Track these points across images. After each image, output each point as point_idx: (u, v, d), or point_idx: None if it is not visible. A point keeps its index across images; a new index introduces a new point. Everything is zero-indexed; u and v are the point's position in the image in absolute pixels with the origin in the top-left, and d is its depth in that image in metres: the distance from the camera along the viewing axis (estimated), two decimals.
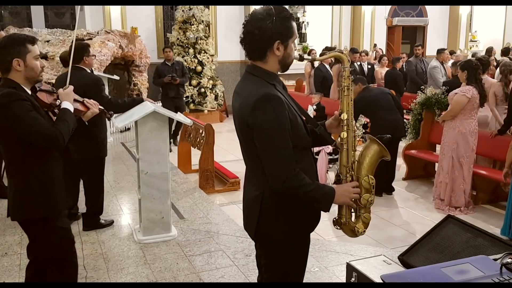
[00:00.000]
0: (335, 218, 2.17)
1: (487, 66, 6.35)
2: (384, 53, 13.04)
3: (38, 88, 2.65)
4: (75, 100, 2.89)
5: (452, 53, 11.14)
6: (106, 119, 3.33)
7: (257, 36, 1.95)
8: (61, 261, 2.73)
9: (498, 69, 6.53)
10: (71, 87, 2.77)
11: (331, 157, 6.25)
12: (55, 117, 2.63)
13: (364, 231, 2.14)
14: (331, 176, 6.13)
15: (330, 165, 6.38)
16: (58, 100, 2.75)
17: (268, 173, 1.94)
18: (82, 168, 4.40)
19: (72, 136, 2.69)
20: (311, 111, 8.20)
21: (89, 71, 4.48)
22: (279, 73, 2.06)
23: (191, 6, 10.55)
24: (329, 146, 5.94)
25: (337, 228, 2.18)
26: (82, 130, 2.83)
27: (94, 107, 2.93)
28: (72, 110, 2.66)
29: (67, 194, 2.74)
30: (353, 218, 2.14)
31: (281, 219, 2.04)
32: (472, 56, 10.09)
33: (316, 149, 6.10)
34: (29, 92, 2.56)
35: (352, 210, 2.13)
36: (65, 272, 2.76)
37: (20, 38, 2.51)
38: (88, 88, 4.21)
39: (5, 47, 2.47)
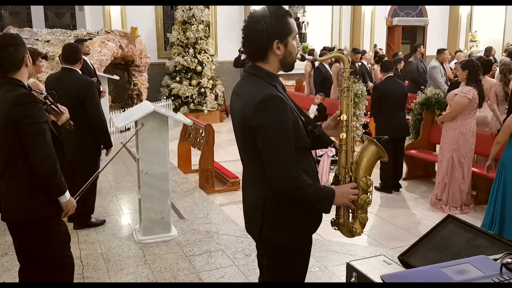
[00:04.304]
0: (333, 218, 2.17)
1: (489, 67, 6.35)
2: (384, 53, 13.03)
3: (31, 88, 2.67)
4: (52, 104, 2.90)
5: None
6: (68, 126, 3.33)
7: (254, 38, 1.95)
8: (59, 259, 2.73)
9: (498, 68, 6.53)
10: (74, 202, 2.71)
11: (333, 158, 6.25)
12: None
13: (362, 232, 2.14)
14: (332, 178, 6.13)
15: (332, 167, 6.38)
16: (48, 100, 2.76)
17: (270, 174, 1.93)
18: (76, 169, 4.38)
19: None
20: (313, 110, 8.20)
21: (80, 73, 4.48)
22: (280, 72, 2.06)
23: (191, 6, 10.55)
24: (332, 150, 5.97)
25: (334, 229, 2.18)
26: (57, 131, 2.86)
27: (66, 112, 2.95)
28: (66, 200, 2.62)
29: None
30: (350, 219, 2.14)
31: (283, 220, 2.04)
32: (469, 56, 10.08)
33: (319, 153, 6.09)
34: None
35: (350, 211, 2.13)
36: (61, 270, 2.76)
37: (20, 37, 2.58)
38: (82, 91, 4.20)
39: (17, 46, 2.50)
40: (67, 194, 2.61)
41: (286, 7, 11.70)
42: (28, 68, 2.56)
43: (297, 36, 2.06)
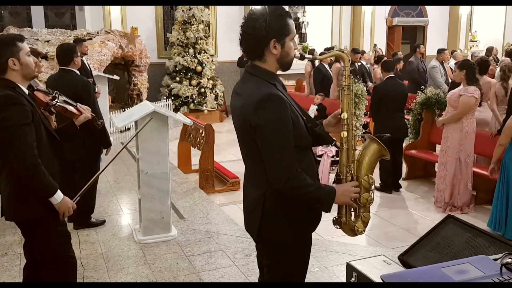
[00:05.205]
0: (334, 217, 2.16)
1: (487, 67, 6.35)
2: (384, 53, 13.03)
3: (35, 88, 2.66)
4: (69, 104, 2.89)
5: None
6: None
7: (252, 36, 1.95)
8: (59, 259, 2.73)
9: (498, 68, 6.53)
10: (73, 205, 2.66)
11: (333, 159, 6.24)
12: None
13: (364, 230, 2.13)
14: (333, 178, 6.13)
15: (333, 167, 6.37)
16: (54, 100, 2.75)
17: (270, 173, 1.93)
18: (76, 168, 4.38)
19: (66, 137, 2.75)
20: (313, 110, 8.20)
21: (78, 73, 4.48)
22: (280, 72, 2.06)
23: (191, 6, 10.55)
24: (332, 150, 5.97)
25: (336, 228, 2.18)
26: (75, 131, 2.86)
27: (87, 112, 2.95)
28: (58, 202, 2.56)
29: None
30: (352, 217, 2.14)
31: (283, 219, 2.04)
32: (471, 56, 10.08)
33: (319, 152, 6.09)
34: (26, 91, 2.56)
35: (352, 210, 2.13)
36: (63, 270, 2.77)
37: (9, 38, 2.52)
38: (77, 91, 4.21)
39: None
40: (58, 195, 2.54)
41: (286, 7, 11.70)
42: (19, 71, 2.50)
43: (296, 37, 2.06)
